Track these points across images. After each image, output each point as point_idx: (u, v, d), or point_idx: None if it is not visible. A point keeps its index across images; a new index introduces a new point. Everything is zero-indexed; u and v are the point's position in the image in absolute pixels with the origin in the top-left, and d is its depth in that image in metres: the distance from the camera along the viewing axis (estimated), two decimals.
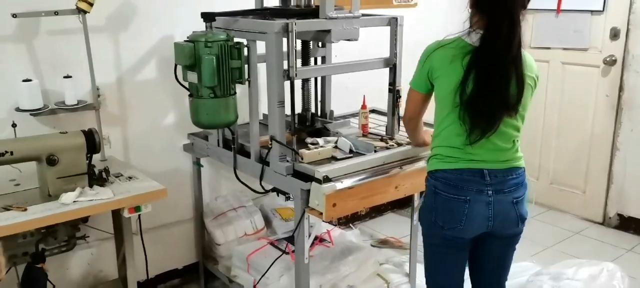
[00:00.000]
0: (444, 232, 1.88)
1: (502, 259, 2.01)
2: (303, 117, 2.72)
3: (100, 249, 2.74)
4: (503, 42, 1.73)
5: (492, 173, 1.82)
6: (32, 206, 2.00)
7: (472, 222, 1.83)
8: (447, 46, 1.82)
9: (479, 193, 1.82)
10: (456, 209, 1.83)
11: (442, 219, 1.87)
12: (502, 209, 1.84)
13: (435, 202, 1.89)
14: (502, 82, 1.74)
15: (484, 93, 1.73)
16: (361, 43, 2.45)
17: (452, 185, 1.84)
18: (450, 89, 1.79)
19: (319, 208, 2.07)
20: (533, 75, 1.84)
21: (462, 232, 1.86)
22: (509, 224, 1.88)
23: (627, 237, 3.61)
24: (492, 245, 1.96)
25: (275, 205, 3.13)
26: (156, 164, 2.79)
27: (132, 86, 2.69)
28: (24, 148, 2.04)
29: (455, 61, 1.78)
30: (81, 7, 2.29)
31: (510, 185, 1.84)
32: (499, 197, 1.83)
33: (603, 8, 3.55)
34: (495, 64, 1.73)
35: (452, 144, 1.84)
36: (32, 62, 2.40)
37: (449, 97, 1.80)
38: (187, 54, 2.10)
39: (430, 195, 1.92)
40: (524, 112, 1.84)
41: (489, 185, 1.82)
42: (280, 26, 2.11)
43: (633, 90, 3.52)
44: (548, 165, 4.00)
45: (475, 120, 1.76)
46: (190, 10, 2.56)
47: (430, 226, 1.94)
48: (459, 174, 1.83)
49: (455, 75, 1.77)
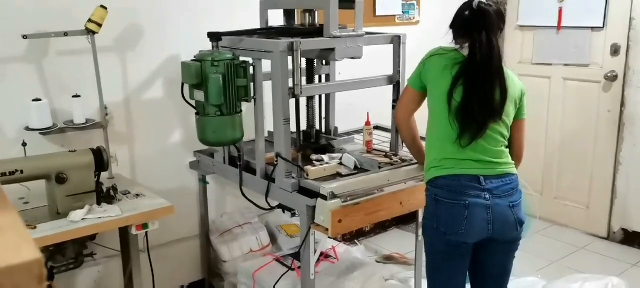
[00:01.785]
0: (446, 238, 1.94)
1: (503, 265, 2.08)
2: (308, 133, 2.75)
3: (107, 266, 2.75)
4: (484, 56, 1.91)
5: (487, 179, 1.93)
6: (41, 224, 2.02)
7: (472, 225, 1.91)
8: (443, 55, 1.99)
9: (476, 197, 1.91)
10: (456, 214, 1.91)
11: (444, 225, 1.94)
12: (500, 213, 1.93)
13: (436, 209, 1.96)
14: (488, 89, 1.91)
15: (473, 99, 1.90)
16: (365, 60, 2.48)
17: (451, 190, 1.93)
18: (439, 95, 1.95)
19: (325, 224, 2.09)
20: (516, 89, 2.00)
21: (464, 237, 1.93)
22: (509, 228, 1.96)
23: (631, 252, 3.61)
24: (493, 250, 2.02)
25: (280, 222, 3.15)
26: (162, 181, 2.81)
27: (139, 105, 2.72)
28: (34, 166, 2.07)
29: (446, 70, 1.94)
30: (90, 28, 2.34)
31: (505, 190, 1.95)
32: (496, 200, 1.92)
33: (603, 24, 3.59)
34: (481, 73, 1.91)
35: (447, 151, 1.95)
36: (41, 82, 2.44)
37: (438, 104, 1.95)
38: (194, 72, 2.14)
39: (431, 203, 2.00)
40: (507, 121, 1.99)
41: (486, 189, 1.92)
42: (285, 45, 2.15)
43: (634, 105, 3.54)
44: (551, 180, 4.01)
45: (465, 125, 1.91)
46: (197, 30, 2.60)
47: (432, 233, 2.00)
48: (457, 180, 1.93)
49: (444, 83, 1.93)
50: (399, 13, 3.64)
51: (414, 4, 3.71)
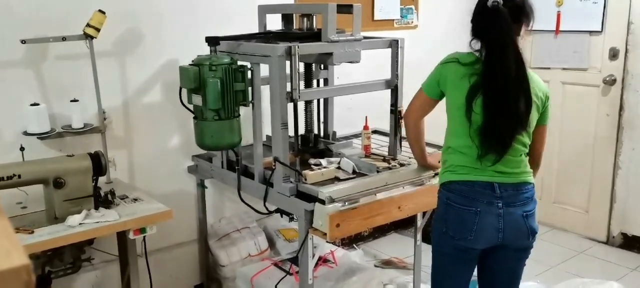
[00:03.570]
0: (455, 242, 1.91)
1: (514, 272, 2.04)
2: (306, 138, 2.75)
3: (105, 271, 2.74)
4: (501, 64, 1.78)
5: (502, 187, 1.86)
6: (39, 228, 2.02)
7: (482, 233, 1.86)
8: (461, 62, 1.87)
9: (489, 205, 1.85)
10: (467, 220, 1.86)
11: (453, 230, 1.90)
12: (512, 221, 1.87)
13: (447, 213, 1.92)
14: (511, 102, 1.78)
15: (496, 114, 1.78)
16: (363, 64, 2.48)
17: (464, 196, 1.87)
18: (458, 105, 1.85)
19: (323, 229, 2.08)
20: (540, 94, 1.90)
21: (473, 243, 1.89)
22: (521, 236, 1.91)
23: (631, 256, 3.60)
24: (504, 257, 1.97)
25: (278, 226, 3.14)
26: (161, 186, 2.81)
27: (138, 109, 2.72)
28: (32, 171, 2.07)
29: (464, 79, 1.84)
30: (88, 33, 2.34)
31: (520, 199, 1.88)
32: (510, 209, 1.86)
33: (601, 28, 3.59)
34: (502, 86, 1.78)
35: (465, 157, 1.88)
36: (39, 87, 2.44)
37: (458, 112, 1.86)
38: (192, 77, 2.14)
39: (442, 206, 1.95)
40: (530, 129, 1.89)
41: (499, 197, 1.85)
42: (283, 49, 2.15)
43: (633, 109, 3.54)
44: (550, 184, 4.01)
45: (489, 144, 1.80)
46: (195, 34, 2.61)
47: (440, 236, 1.96)
48: (471, 186, 1.86)
49: (462, 92, 1.83)
50: (398, 17, 3.64)
51: (412, 9, 3.71)
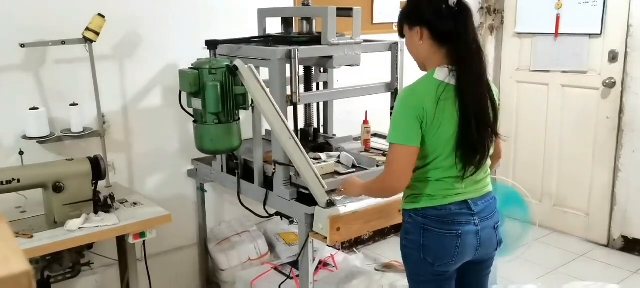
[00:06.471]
0: (434, 269, 1.79)
1: (482, 284, 1.99)
2: (306, 132, 2.74)
3: (105, 276, 2.73)
4: (479, 69, 1.70)
5: (474, 202, 1.78)
6: (38, 233, 2.02)
7: (463, 254, 1.79)
8: (429, 90, 1.68)
9: (467, 224, 1.77)
10: (448, 245, 1.76)
11: (433, 256, 1.77)
12: (486, 235, 1.81)
13: (425, 240, 1.78)
14: (487, 111, 1.72)
15: (471, 127, 1.68)
16: (363, 68, 2.48)
17: (441, 221, 1.76)
18: (448, 136, 1.70)
19: (323, 233, 2.08)
20: (497, 96, 1.82)
21: (454, 266, 1.82)
22: (491, 249, 1.87)
23: (632, 259, 3.60)
24: (472, 270, 1.91)
25: (278, 230, 3.14)
26: (160, 190, 2.81)
27: (137, 113, 2.72)
28: (31, 175, 2.07)
29: (447, 104, 1.67)
30: (88, 37, 2.34)
31: (490, 210, 1.83)
32: (484, 223, 1.80)
33: (601, 31, 3.59)
34: (474, 94, 1.68)
35: (443, 182, 1.76)
36: (39, 91, 2.44)
37: (447, 142, 1.71)
38: (192, 81, 2.13)
39: (417, 233, 1.79)
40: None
41: (475, 214, 1.78)
42: (283, 53, 2.15)
43: (633, 112, 3.54)
44: (550, 187, 4.00)
45: (469, 158, 1.71)
46: (195, 38, 2.61)
47: (418, 264, 1.81)
48: (447, 209, 1.76)
49: (452, 120, 1.68)
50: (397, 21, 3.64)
51: None
